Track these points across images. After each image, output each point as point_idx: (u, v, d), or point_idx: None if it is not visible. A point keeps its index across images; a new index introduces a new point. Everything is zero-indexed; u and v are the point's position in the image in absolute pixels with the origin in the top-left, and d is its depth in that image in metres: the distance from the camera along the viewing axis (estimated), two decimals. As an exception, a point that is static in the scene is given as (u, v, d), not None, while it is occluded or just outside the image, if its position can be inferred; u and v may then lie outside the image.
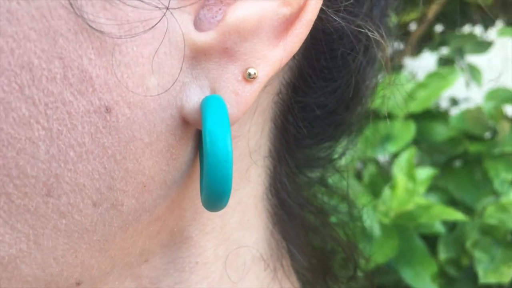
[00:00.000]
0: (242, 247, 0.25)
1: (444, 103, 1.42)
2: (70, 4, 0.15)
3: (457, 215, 0.57)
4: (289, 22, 0.17)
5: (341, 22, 0.21)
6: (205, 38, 0.17)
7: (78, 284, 0.19)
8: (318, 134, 0.27)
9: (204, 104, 0.17)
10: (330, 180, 0.33)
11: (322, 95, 0.25)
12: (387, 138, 0.66)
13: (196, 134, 0.20)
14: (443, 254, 0.71)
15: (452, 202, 0.73)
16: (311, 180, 0.30)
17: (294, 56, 0.19)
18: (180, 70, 0.17)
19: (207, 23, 0.17)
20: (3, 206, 0.16)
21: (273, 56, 0.17)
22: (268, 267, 0.26)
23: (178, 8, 0.16)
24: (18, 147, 0.15)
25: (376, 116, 0.80)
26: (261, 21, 0.17)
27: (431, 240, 0.74)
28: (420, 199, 0.58)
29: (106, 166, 0.17)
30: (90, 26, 0.15)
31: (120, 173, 0.18)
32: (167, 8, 0.16)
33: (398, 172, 0.58)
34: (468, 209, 0.72)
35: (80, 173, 0.17)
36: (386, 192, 0.60)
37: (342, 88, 0.25)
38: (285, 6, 0.17)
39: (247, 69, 0.17)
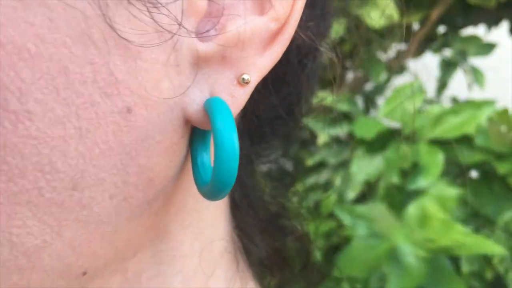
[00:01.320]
0: (214, 241, 0.26)
1: (445, 103, 1.44)
2: (103, 14, 0.16)
3: (497, 249, 0.57)
4: (274, 35, 0.20)
5: (304, 36, 0.24)
6: (207, 47, 0.19)
7: (84, 273, 0.20)
8: (268, 134, 0.30)
9: (210, 106, 0.19)
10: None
11: (278, 98, 0.27)
12: (415, 169, 0.65)
13: (190, 132, 0.22)
14: (466, 267, 0.71)
15: (474, 215, 0.73)
16: (265, 175, 0.33)
17: None
18: (195, 77, 0.20)
19: (205, 33, 0.19)
20: (34, 200, 0.17)
21: (261, 64, 0.20)
22: (234, 259, 0.28)
23: (186, 21, 0.18)
24: (52, 144, 0.17)
25: (398, 135, 0.79)
26: (254, 34, 0.19)
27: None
28: (457, 229, 0.57)
29: (123, 162, 0.19)
30: (119, 35, 0.17)
31: (134, 168, 0.19)
32: (180, 23, 0.18)
33: (432, 203, 0.58)
34: (489, 222, 0.73)
35: (102, 168, 0.18)
36: (413, 218, 0.59)
37: (294, 92, 0.28)
38: (273, 21, 0.19)
39: (241, 74, 0.20)
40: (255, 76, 0.20)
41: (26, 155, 0.16)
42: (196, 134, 0.22)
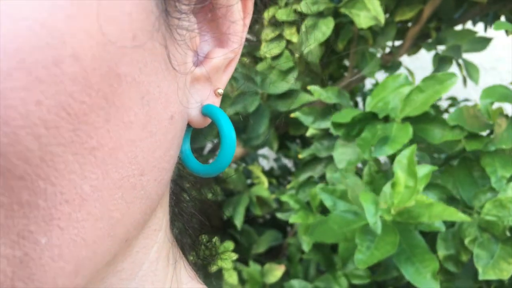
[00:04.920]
0: (169, 217, 0.33)
1: (443, 103, 1.42)
2: (168, 52, 0.23)
3: (458, 216, 0.57)
4: (230, 61, 0.28)
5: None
6: (199, 71, 0.26)
7: (126, 240, 0.25)
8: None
9: (211, 111, 0.27)
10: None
11: None
12: (385, 140, 0.66)
13: None
14: (442, 251, 0.71)
15: (451, 200, 0.73)
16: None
17: None
18: (191, 91, 0.27)
19: (199, 61, 0.27)
20: (124, 184, 0.23)
21: (224, 81, 0.28)
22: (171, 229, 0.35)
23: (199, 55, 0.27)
24: (138, 144, 0.23)
25: (375, 118, 0.80)
26: (224, 60, 0.27)
27: (430, 237, 0.75)
28: (422, 197, 0.58)
29: (165, 153, 0.25)
30: (172, 67, 0.24)
31: (167, 157, 0.26)
32: (198, 55, 0.26)
33: (399, 169, 0.58)
34: (466, 207, 0.72)
35: (156, 158, 0.24)
36: (387, 189, 0.60)
37: None
38: (232, 53, 0.27)
39: (217, 88, 0.28)
40: (222, 89, 0.28)
41: (127, 152, 0.22)
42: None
